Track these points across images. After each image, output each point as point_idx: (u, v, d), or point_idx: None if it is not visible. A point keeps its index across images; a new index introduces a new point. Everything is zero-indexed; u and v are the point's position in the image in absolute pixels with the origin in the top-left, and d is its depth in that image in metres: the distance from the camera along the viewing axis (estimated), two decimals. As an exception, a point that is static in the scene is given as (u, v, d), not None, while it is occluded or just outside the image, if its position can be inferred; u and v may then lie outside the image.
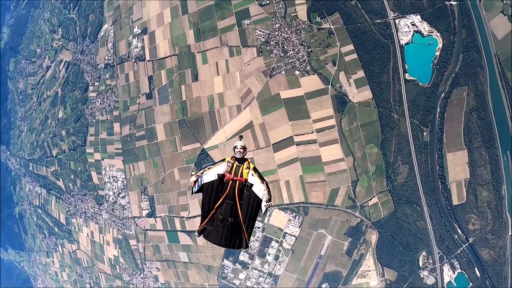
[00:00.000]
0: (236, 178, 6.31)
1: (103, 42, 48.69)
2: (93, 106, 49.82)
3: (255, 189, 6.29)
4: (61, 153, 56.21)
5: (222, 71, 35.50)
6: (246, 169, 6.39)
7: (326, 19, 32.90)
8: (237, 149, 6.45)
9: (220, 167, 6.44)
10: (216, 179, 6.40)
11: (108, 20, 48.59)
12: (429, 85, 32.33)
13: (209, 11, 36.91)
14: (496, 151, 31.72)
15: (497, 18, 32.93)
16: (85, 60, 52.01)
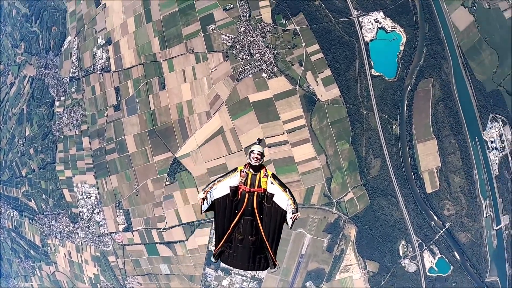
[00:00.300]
0: (253, 190, 5.46)
1: (67, 54, 46.95)
2: (60, 121, 47.83)
3: (277, 199, 5.48)
4: (31, 172, 53.61)
5: (189, 78, 34.92)
6: (263, 177, 5.52)
7: (290, 20, 33.02)
8: (254, 155, 5.46)
9: (232, 178, 5.57)
10: (229, 193, 5.54)
11: (71, 31, 46.96)
12: (395, 79, 33.09)
13: (173, 18, 36.28)
14: (465, 138, 32.95)
15: (458, 11, 34.20)
16: (50, 74, 49.94)
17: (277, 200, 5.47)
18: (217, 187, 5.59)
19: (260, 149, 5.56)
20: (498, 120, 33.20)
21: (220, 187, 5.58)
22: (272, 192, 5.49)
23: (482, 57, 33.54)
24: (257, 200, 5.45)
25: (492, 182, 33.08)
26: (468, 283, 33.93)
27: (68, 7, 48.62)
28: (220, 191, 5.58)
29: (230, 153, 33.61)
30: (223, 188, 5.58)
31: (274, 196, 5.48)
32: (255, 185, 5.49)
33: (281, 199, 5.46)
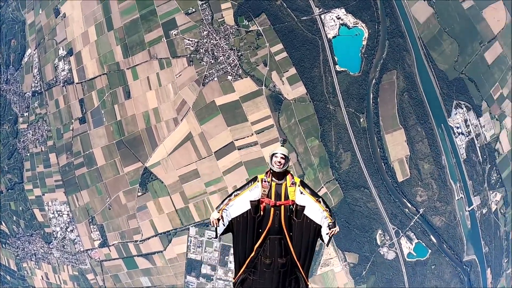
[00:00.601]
0: (280, 203, 4.56)
1: (28, 68, 44.93)
2: (25, 138, 45.64)
3: (309, 212, 4.60)
4: None
5: (154, 85, 34.18)
6: (291, 187, 4.61)
7: (253, 21, 33.00)
8: (276, 159, 4.54)
9: (253, 190, 4.64)
10: (250, 209, 4.61)
11: (31, 44, 45.02)
12: (360, 74, 33.76)
13: (135, 25, 35.46)
14: (431, 125, 34.01)
15: (418, 4, 35.33)
16: (11, 90, 47.59)
17: (309, 213, 4.60)
18: (234, 204, 4.64)
19: (285, 151, 4.63)
20: (462, 106, 34.57)
21: (237, 203, 4.63)
22: (303, 203, 4.59)
23: (443, 47, 34.83)
24: (285, 215, 4.58)
25: (461, 166, 34.43)
26: (446, 264, 35.11)
27: (27, 19, 46.62)
28: (238, 207, 4.62)
29: (200, 158, 33.08)
30: (241, 203, 4.62)
31: (305, 208, 4.60)
32: (281, 196, 4.60)
33: (314, 212, 4.59)
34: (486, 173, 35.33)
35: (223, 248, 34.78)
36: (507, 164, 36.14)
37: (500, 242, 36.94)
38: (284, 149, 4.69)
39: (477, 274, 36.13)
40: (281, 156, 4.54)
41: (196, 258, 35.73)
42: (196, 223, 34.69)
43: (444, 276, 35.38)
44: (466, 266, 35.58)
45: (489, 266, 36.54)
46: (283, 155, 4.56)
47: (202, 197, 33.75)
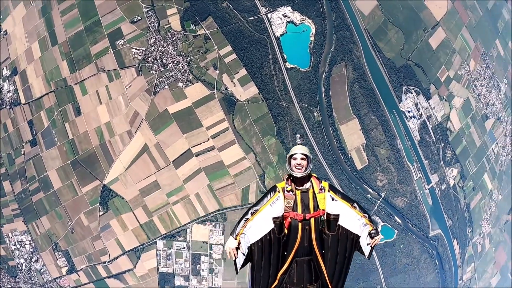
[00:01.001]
0: (310, 215, 3.72)
1: (-29, 93, 42.16)
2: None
3: (344, 221, 3.80)
4: None
5: (104, 99, 33.17)
6: (320, 193, 3.80)
7: (200, 25, 32.84)
8: (296, 162, 3.80)
9: (274, 205, 3.74)
10: (274, 229, 3.70)
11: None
12: (310, 69, 34.53)
13: (79, 37, 34.31)
14: (383, 112, 35.35)
15: None
16: (-44, 117, 44.38)
17: (345, 222, 3.81)
18: (252, 225, 3.70)
19: (305, 150, 3.86)
20: (412, 91, 36.28)
21: (257, 223, 3.70)
22: (336, 212, 3.80)
23: (388, 37, 36.45)
24: (315, 229, 3.75)
25: (416, 147, 36.11)
26: (414, 242, 36.59)
27: (-34, 39, 43.92)
28: (258, 229, 3.70)
29: (159, 169, 32.39)
30: (262, 223, 3.70)
31: (340, 218, 3.80)
32: (310, 207, 3.74)
33: (350, 220, 3.80)
34: (440, 152, 37.29)
35: (194, 257, 34.13)
36: (459, 141, 38.41)
37: (462, 213, 39.16)
38: (304, 148, 3.89)
39: (444, 246, 37.97)
40: (301, 156, 3.78)
41: (167, 271, 34.77)
42: (162, 235, 33.79)
43: (414, 253, 36.85)
44: (433, 241, 37.27)
45: (455, 238, 38.57)
46: (303, 155, 3.78)
47: (165, 208, 33.01)
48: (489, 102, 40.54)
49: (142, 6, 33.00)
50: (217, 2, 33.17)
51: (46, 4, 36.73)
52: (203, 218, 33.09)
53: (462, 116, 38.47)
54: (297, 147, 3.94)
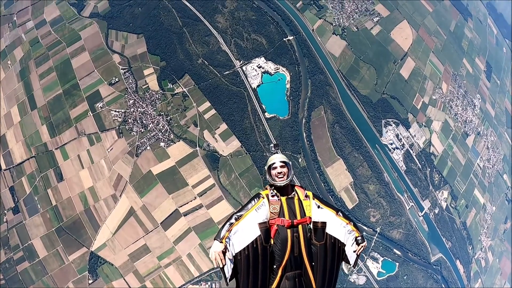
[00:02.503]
0: (298, 221, 3.54)
1: (-51, 159, 40.88)
2: (-45, 236, 40.74)
3: (331, 229, 3.63)
4: None
5: (87, 163, 32.92)
6: (306, 200, 3.69)
7: (177, 84, 33.52)
8: (276, 171, 3.69)
9: (259, 211, 3.52)
10: (260, 237, 3.42)
11: (-50, 132, 41.24)
12: (289, 116, 35.19)
13: (58, 101, 34.36)
14: (367, 148, 35.96)
15: (331, 40, 38.31)
16: None
17: (331, 230, 3.64)
18: (237, 230, 3.40)
19: (284, 158, 3.75)
20: (391, 123, 37.29)
21: (242, 230, 3.41)
22: (323, 219, 3.64)
23: (361, 74, 37.81)
24: (304, 237, 3.54)
25: (404, 177, 36.54)
26: (417, 271, 36.17)
27: None
28: (243, 236, 3.40)
29: (147, 232, 31.84)
30: (247, 229, 3.42)
31: (327, 226, 3.64)
32: (297, 213, 3.58)
33: (336, 227, 3.65)
34: (428, 177, 37.82)
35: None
36: (445, 163, 39.17)
37: (460, 233, 39.33)
38: (282, 156, 3.79)
39: (448, 269, 37.73)
40: (280, 164, 3.69)
41: (164, 333, 33.51)
42: (156, 299, 32.80)
43: (418, 281, 36.37)
44: (436, 266, 37.05)
45: (457, 258, 38.52)
46: (283, 163, 3.70)
47: (158, 271, 32.07)
48: (467, 120, 41.98)
49: (119, 68, 33.47)
50: (192, 59, 33.94)
51: (25, 67, 36.83)
52: (198, 279, 32.26)
53: (443, 138, 39.58)
54: (274, 157, 3.84)
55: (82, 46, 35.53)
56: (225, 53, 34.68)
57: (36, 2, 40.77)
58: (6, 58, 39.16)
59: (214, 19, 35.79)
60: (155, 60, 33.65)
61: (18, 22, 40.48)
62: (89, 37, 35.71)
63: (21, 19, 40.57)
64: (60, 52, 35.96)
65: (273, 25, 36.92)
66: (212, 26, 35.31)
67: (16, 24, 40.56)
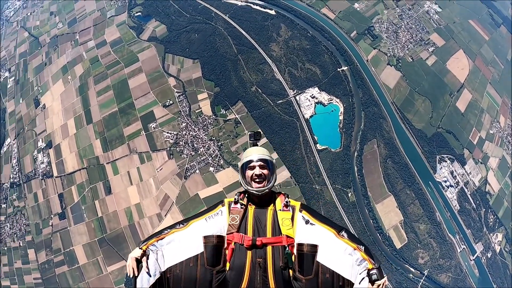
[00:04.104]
0: (266, 240, 2.53)
1: (7, 158, 43.88)
2: (2, 231, 43.06)
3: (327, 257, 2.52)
4: None
5: (136, 180, 33.47)
6: (284, 211, 2.68)
7: (230, 110, 33.65)
8: (254, 171, 2.74)
9: (210, 221, 2.67)
10: (202, 254, 2.56)
11: (11, 133, 44.55)
12: (341, 149, 34.09)
13: (113, 118, 35.68)
14: (419, 186, 33.92)
15: (386, 70, 37.22)
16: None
17: (327, 259, 2.50)
18: (172, 240, 2.60)
19: (264, 153, 2.81)
20: (446, 159, 35.07)
21: (180, 241, 2.59)
22: (313, 241, 2.55)
23: (416, 107, 36.17)
24: (274, 268, 2.48)
25: (456, 218, 33.98)
26: None
27: (7, 107, 46.77)
28: (179, 249, 2.58)
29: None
30: (187, 241, 2.58)
31: (319, 251, 2.53)
32: (267, 230, 2.57)
33: (336, 255, 2.51)
34: (482, 218, 35.02)
35: None
36: (501, 203, 36.08)
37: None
38: (262, 151, 2.81)
39: None
40: (259, 163, 2.68)
41: None
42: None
43: None
44: None
45: None
46: (262, 161, 2.69)
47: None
48: (526, 156, 38.60)
49: (174, 91, 34.31)
50: (246, 87, 34.01)
51: (84, 83, 38.93)
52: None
53: (500, 176, 36.78)
54: (252, 151, 2.79)
55: (140, 68, 36.99)
56: (278, 81, 34.51)
57: (98, 23, 43.57)
58: (67, 73, 41.83)
59: (268, 47, 36.03)
60: (210, 85, 34.20)
61: (80, 41, 43.37)
62: (147, 59, 37.20)
63: (83, 38, 43.42)
64: (118, 72, 37.71)
65: (327, 54, 36.57)
66: (266, 54, 35.51)
67: (78, 42, 43.48)
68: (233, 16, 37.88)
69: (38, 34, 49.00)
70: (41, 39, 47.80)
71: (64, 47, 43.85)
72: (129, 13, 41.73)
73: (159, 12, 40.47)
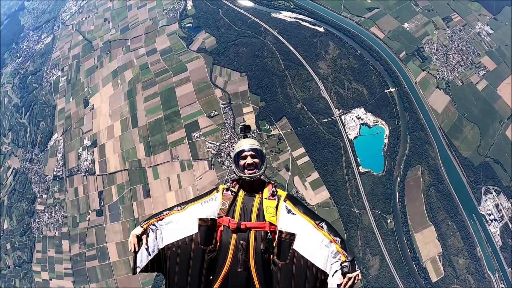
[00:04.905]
0: (250, 225, 2.72)
1: (53, 152, 46.43)
2: (40, 220, 45.28)
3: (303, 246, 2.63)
4: (5, 268, 49.06)
5: (175, 186, 34.02)
6: (270, 200, 2.86)
7: (274, 125, 33.63)
8: (246, 161, 2.96)
9: (205, 205, 2.90)
10: (197, 235, 2.78)
11: (59, 129, 47.19)
12: (384, 173, 32.98)
13: (159, 124, 36.78)
14: (462, 217, 32.14)
15: (434, 94, 35.99)
16: (34, 170, 48.70)
17: (304, 248, 2.61)
18: (171, 221, 2.85)
19: (255, 144, 3.02)
20: (491, 191, 33.00)
21: (177, 222, 2.84)
22: (292, 230, 2.68)
23: (464, 134, 34.53)
24: (255, 250, 2.66)
25: (498, 254, 31.94)
26: None
27: (57, 104, 49.67)
28: (176, 229, 2.82)
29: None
30: (184, 222, 2.82)
31: (296, 239, 2.65)
32: (252, 215, 2.76)
33: (313, 246, 2.60)
34: None
35: None
36: None
37: None
38: (252, 141, 3.06)
39: None
40: (251, 152, 2.92)
41: None
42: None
43: None
44: None
45: None
46: (253, 150, 2.93)
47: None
48: None
49: (220, 102, 34.87)
50: (292, 103, 33.95)
51: (132, 88, 40.66)
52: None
53: None
54: (244, 142, 3.01)
55: (187, 77, 38.10)
56: (325, 100, 34.24)
57: (149, 31, 45.71)
58: (116, 77, 43.94)
59: (316, 64, 35.95)
60: (255, 99, 34.47)
61: (132, 48, 45.53)
62: (195, 69, 38.27)
63: (134, 45, 45.59)
64: (166, 79, 39.03)
65: (375, 75, 35.89)
66: (314, 72, 35.43)
67: (130, 49, 45.67)
68: (282, 32, 38.25)
69: (92, 38, 52.06)
70: (94, 43, 50.75)
71: (115, 52, 46.24)
72: (180, 23, 43.27)
73: (209, 24, 41.68)
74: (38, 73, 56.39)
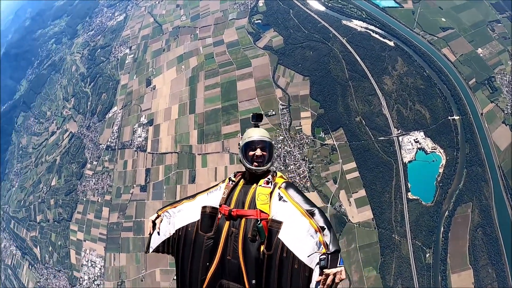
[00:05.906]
0: (240, 212, 2.77)
1: (110, 123, 49.81)
2: (86, 184, 48.71)
3: (289, 236, 2.54)
4: (45, 221, 53.29)
5: (221, 177, 34.60)
6: (263, 186, 2.87)
7: (330, 135, 33.11)
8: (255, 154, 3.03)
9: (211, 195, 3.12)
10: (199, 222, 2.96)
11: (119, 103, 50.41)
12: (432, 204, 31.35)
13: (215, 115, 37.81)
14: (503, 267, 29.46)
15: (499, 129, 33.51)
16: (89, 137, 52.57)
17: (289, 238, 2.51)
18: (182, 209, 3.10)
19: (264, 135, 3.06)
20: None
21: (187, 210, 3.07)
22: (280, 218, 2.62)
23: None
24: (244, 238, 2.66)
25: None
26: None
27: (121, 80, 53.06)
28: (185, 216, 3.05)
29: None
30: (192, 210, 3.05)
31: (282, 228, 2.57)
32: (245, 203, 2.81)
33: (298, 235, 2.50)
34: None
35: None
36: None
37: None
38: (262, 131, 3.04)
39: None
40: (260, 144, 2.92)
41: None
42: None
43: None
44: None
45: None
46: (262, 142, 2.93)
47: None
48: None
49: (279, 103, 35.35)
50: (351, 115, 33.58)
51: (195, 75, 42.66)
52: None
53: None
54: (252, 131, 3.01)
55: (250, 73, 38.82)
56: (384, 117, 33.28)
57: (219, 23, 47.62)
58: (181, 62, 46.21)
59: (381, 79, 34.84)
60: (315, 105, 34.30)
61: (199, 36, 47.46)
62: (259, 66, 38.97)
63: (202, 34, 47.52)
64: (229, 72, 40.05)
65: (440, 99, 33.86)
66: (378, 87, 34.39)
67: (198, 37, 47.69)
68: (350, 41, 37.47)
69: (162, 22, 54.92)
70: (164, 27, 53.51)
71: (183, 38, 48.57)
72: (249, 19, 43.97)
73: (278, 23, 41.95)
74: (107, 47, 60.57)
